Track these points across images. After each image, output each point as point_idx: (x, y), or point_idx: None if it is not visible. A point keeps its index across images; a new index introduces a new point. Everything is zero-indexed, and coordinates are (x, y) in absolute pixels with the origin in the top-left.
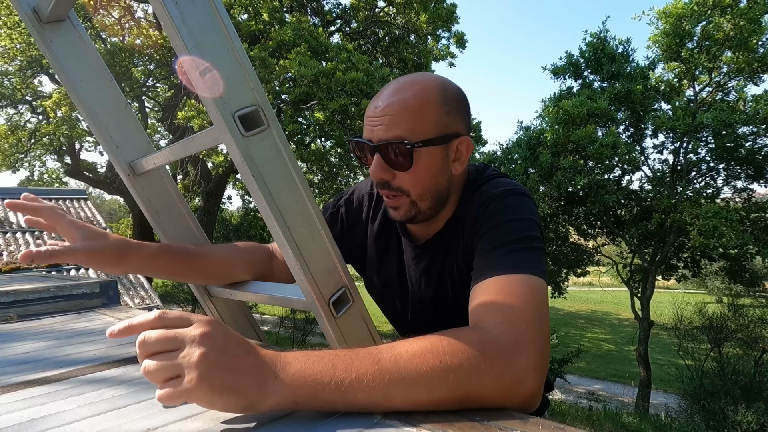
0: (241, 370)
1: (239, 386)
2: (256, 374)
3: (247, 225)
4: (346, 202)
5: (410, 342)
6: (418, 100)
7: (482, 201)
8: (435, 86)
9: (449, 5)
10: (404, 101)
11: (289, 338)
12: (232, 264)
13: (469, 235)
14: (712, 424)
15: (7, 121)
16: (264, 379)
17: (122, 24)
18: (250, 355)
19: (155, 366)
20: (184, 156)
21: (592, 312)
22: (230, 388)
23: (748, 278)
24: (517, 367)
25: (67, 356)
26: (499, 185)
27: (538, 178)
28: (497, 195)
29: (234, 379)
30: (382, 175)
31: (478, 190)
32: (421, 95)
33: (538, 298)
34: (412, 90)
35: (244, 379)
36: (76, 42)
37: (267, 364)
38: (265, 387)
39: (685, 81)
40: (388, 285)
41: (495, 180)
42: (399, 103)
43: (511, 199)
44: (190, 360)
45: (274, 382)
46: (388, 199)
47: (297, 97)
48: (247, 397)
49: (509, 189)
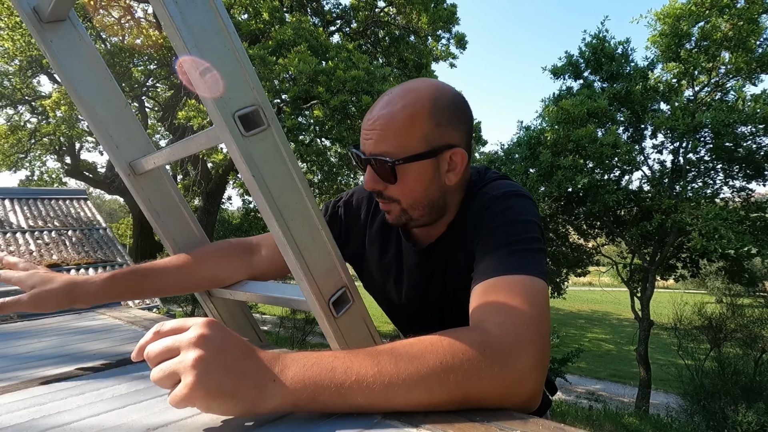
0: (239, 374)
1: (236, 390)
2: (254, 378)
3: (248, 225)
4: (346, 204)
5: (410, 342)
6: (406, 114)
7: (482, 203)
8: (426, 98)
9: (450, 6)
10: (392, 116)
11: (289, 338)
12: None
13: (470, 237)
14: (712, 424)
15: (7, 121)
16: (262, 383)
17: (122, 24)
18: (248, 357)
19: (158, 374)
20: (184, 156)
21: (592, 312)
22: (227, 392)
23: (747, 278)
24: (518, 368)
25: (67, 356)
26: (499, 187)
27: (538, 178)
28: (498, 197)
29: (231, 382)
30: (374, 186)
31: (479, 193)
32: (410, 109)
33: (539, 299)
34: (401, 103)
35: (242, 383)
36: (76, 42)
37: (265, 366)
38: (263, 391)
39: (684, 81)
40: (388, 287)
41: (495, 182)
42: (387, 117)
43: (512, 201)
44: (185, 364)
45: (272, 386)
46: (381, 204)
47: (296, 95)
48: (245, 401)
49: (509, 191)
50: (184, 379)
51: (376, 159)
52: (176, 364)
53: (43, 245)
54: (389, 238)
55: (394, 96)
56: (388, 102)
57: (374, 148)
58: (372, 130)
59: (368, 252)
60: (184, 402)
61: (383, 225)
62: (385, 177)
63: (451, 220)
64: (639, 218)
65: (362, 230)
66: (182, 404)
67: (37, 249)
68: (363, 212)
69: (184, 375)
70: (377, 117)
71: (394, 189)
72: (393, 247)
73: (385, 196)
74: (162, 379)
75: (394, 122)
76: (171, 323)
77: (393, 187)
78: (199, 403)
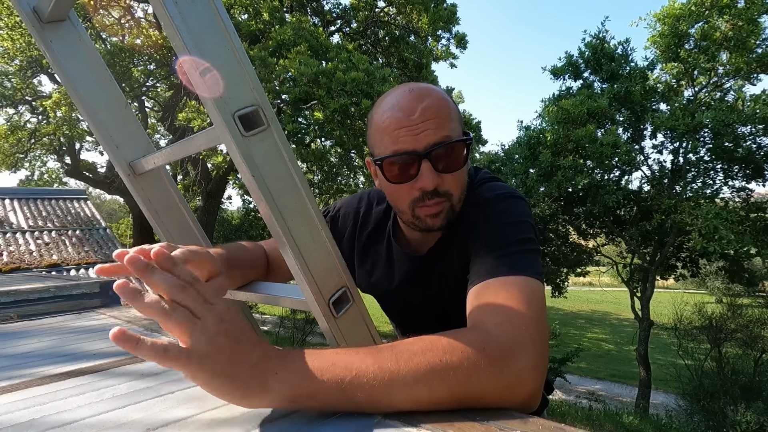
0: (245, 361)
1: (238, 375)
2: (258, 368)
3: (248, 225)
4: (332, 220)
5: (411, 341)
6: (446, 101)
7: (475, 206)
8: (441, 90)
9: (450, 6)
10: (438, 103)
11: (289, 338)
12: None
13: (464, 240)
14: (711, 424)
15: (7, 121)
16: (264, 375)
17: (122, 24)
18: (257, 348)
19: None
20: (184, 156)
21: (592, 312)
22: (228, 374)
23: (747, 278)
24: (517, 367)
25: (67, 356)
26: (491, 189)
27: (538, 178)
28: (490, 199)
29: (235, 367)
30: (436, 182)
31: (471, 195)
32: (444, 97)
33: (536, 299)
34: (433, 93)
35: (245, 370)
36: (76, 42)
37: (269, 359)
38: (265, 382)
39: (684, 81)
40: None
41: (487, 184)
42: (435, 105)
43: (505, 203)
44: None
45: (274, 378)
46: (428, 208)
47: (297, 96)
48: (244, 389)
49: (502, 193)
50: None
51: (444, 145)
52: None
53: (43, 245)
54: (379, 250)
55: (420, 90)
56: (420, 95)
57: (436, 136)
58: (425, 121)
59: (358, 266)
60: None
61: (371, 238)
62: (449, 164)
63: None
64: (639, 218)
65: (350, 244)
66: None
67: (37, 249)
68: (349, 228)
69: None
70: (424, 108)
71: (450, 180)
72: (384, 258)
73: (441, 193)
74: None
75: (444, 108)
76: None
77: (448, 178)
78: (196, 374)
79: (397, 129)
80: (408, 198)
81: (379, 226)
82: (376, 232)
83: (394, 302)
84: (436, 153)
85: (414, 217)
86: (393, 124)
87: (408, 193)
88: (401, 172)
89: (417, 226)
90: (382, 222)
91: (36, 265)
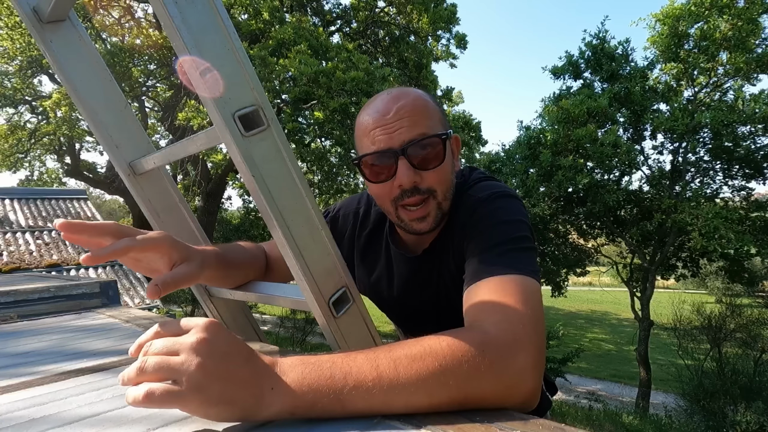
0: (238, 381)
1: (235, 398)
2: (253, 385)
3: (248, 225)
4: (332, 220)
5: (409, 344)
6: (423, 101)
7: (470, 205)
8: (422, 92)
9: (450, 6)
10: (413, 102)
11: (289, 338)
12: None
13: (459, 240)
14: (711, 424)
15: (7, 121)
16: (260, 391)
17: (122, 24)
18: (248, 363)
19: (154, 364)
20: (184, 156)
21: (592, 312)
22: (226, 400)
23: (747, 278)
24: (517, 367)
25: (68, 356)
26: (485, 188)
27: (538, 178)
28: (484, 198)
29: (230, 390)
30: (414, 179)
31: (465, 195)
32: (421, 97)
33: (533, 298)
34: (410, 94)
35: (241, 391)
36: (76, 42)
37: (264, 374)
38: (262, 399)
39: (683, 81)
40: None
41: (481, 184)
42: (410, 104)
43: (499, 202)
44: (188, 368)
45: (271, 393)
46: (413, 210)
47: (297, 96)
48: (243, 408)
49: (496, 192)
50: (185, 383)
51: (418, 142)
52: (177, 365)
53: (43, 245)
54: (378, 250)
55: (398, 92)
56: (396, 96)
57: (409, 134)
58: (399, 119)
59: (358, 266)
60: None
61: (370, 238)
62: (426, 160)
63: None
64: (639, 218)
65: (350, 245)
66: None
67: (37, 249)
68: (348, 229)
69: (185, 379)
70: (398, 108)
71: (430, 177)
72: (383, 258)
73: (422, 190)
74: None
75: (418, 107)
76: (172, 323)
77: (428, 175)
78: (194, 410)
79: (373, 129)
80: (389, 197)
81: (377, 227)
82: (374, 232)
83: (394, 302)
84: (412, 149)
85: (399, 219)
86: (370, 124)
87: (389, 192)
88: (380, 171)
89: (405, 230)
90: (380, 222)
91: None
